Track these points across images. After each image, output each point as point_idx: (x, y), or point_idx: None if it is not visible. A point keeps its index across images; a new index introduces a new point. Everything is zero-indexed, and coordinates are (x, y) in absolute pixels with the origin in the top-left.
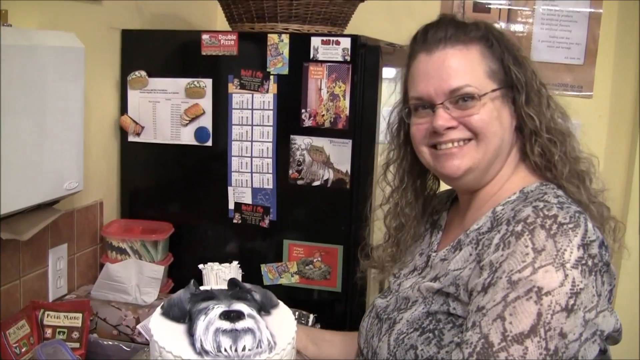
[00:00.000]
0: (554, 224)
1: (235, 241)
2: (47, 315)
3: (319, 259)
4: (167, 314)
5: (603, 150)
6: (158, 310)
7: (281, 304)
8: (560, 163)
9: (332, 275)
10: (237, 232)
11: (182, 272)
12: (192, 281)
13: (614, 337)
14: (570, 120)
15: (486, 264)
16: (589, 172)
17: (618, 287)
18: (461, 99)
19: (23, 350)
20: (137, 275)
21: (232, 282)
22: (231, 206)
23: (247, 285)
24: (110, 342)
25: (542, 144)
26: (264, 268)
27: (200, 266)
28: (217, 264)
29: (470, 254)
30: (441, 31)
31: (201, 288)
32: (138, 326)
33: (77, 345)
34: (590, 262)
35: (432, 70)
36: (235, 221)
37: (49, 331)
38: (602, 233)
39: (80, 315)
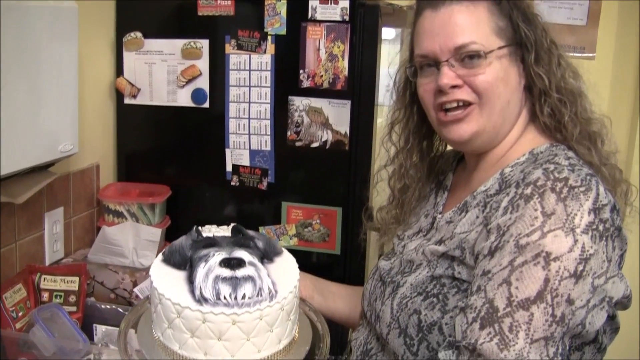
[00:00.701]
0: (564, 187)
1: (233, 204)
2: (44, 279)
3: (318, 221)
4: (168, 260)
5: (605, 112)
6: (159, 256)
7: (285, 252)
8: (570, 124)
9: (331, 237)
10: (235, 194)
11: (179, 235)
12: (194, 227)
13: (623, 303)
14: (582, 79)
15: (493, 227)
16: (600, 133)
17: (629, 252)
18: (467, 56)
19: (20, 314)
20: (134, 239)
21: (235, 229)
22: (229, 168)
23: (250, 233)
24: (107, 306)
25: (552, 104)
26: (262, 231)
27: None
28: (214, 226)
29: (477, 217)
30: None
31: (204, 234)
32: (135, 289)
33: (74, 309)
34: (601, 227)
35: (437, 27)
36: (233, 183)
37: (45, 295)
38: (613, 196)
39: (77, 278)
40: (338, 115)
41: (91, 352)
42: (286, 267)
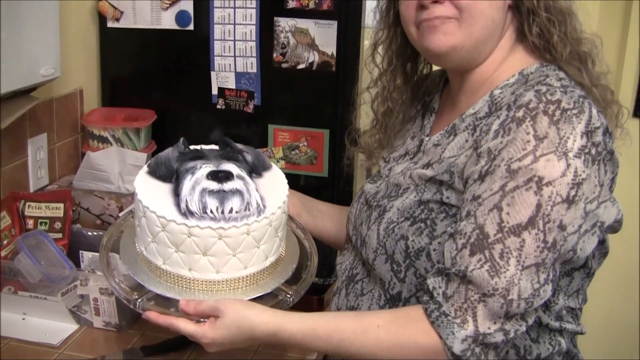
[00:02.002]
0: (557, 109)
1: (219, 127)
2: (28, 206)
3: (305, 143)
4: (153, 172)
5: (595, 31)
6: (144, 168)
7: (274, 166)
8: (560, 44)
9: (318, 160)
10: (220, 117)
11: None
12: (181, 139)
13: (614, 227)
14: None
15: (484, 151)
16: (591, 53)
17: (619, 175)
18: None
19: (4, 242)
20: (120, 164)
21: (223, 142)
22: (214, 91)
23: (239, 146)
24: (93, 232)
25: (541, 24)
26: None
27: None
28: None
29: (467, 140)
30: None
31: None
32: (121, 214)
33: (59, 235)
34: (593, 151)
35: None
36: (218, 107)
37: (30, 222)
38: (605, 118)
39: (62, 205)
40: (324, 36)
41: (77, 278)
42: (275, 182)
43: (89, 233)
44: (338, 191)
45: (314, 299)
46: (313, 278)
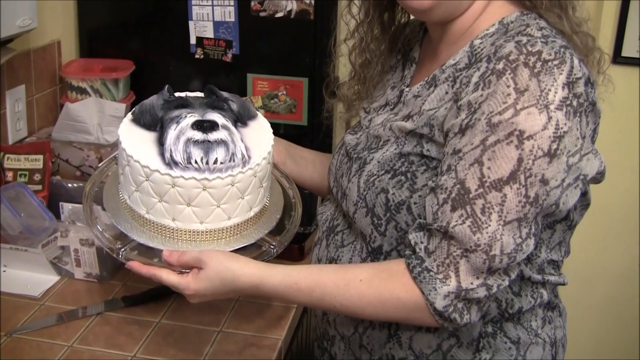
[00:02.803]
0: (538, 61)
1: (198, 77)
2: (7, 158)
3: (284, 92)
4: (138, 120)
5: None
6: (128, 115)
7: (260, 115)
8: None
9: (297, 108)
10: (199, 67)
11: None
12: (166, 86)
13: (596, 179)
14: None
15: (464, 104)
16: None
17: (600, 125)
18: None
19: None
20: (99, 115)
21: (208, 90)
22: (192, 41)
23: (225, 94)
24: (73, 184)
25: None
26: None
27: None
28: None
29: (447, 92)
30: None
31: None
32: (104, 161)
33: (39, 187)
34: (575, 102)
35: None
36: (197, 56)
37: (9, 174)
38: (587, 67)
39: (41, 157)
40: None
41: (58, 229)
42: (260, 131)
43: (69, 184)
44: (318, 139)
45: (295, 248)
46: (297, 229)
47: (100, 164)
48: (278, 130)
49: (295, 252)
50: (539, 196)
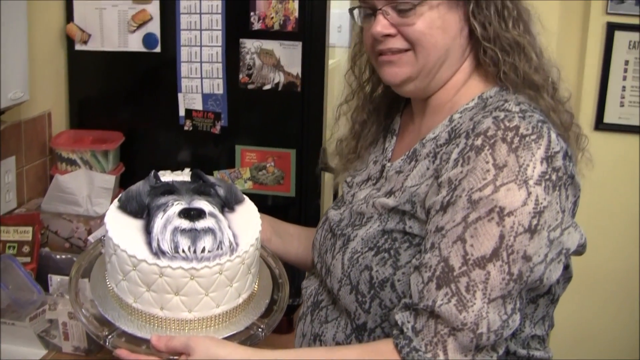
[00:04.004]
0: (515, 136)
1: (187, 148)
2: None
3: (272, 163)
4: (124, 207)
5: (554, 51)
6: (115, 202)
7: (247, 199)
8: (512, 74)
9: (285, 180)
10: (188, 139)
11: (134, 182)
12: (152, 172)
13: (578, 251)
14: (531, 26)
15: (445, 181)
16: (545, 85)
17: (581, 198)
18: (401, 4)
19: None
20: (88, 186)
21: (195, 175)
22: (182, 113)
23: (211, 179)
24: (62, 255)
25: (494, 53)
26: (216, 175)
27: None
28: (169, 172)
29: (428, 168)
30: None
31: (162, 179)
32: (90, 237)
33: (28, 259)
34: (554, 176)
35: None
36: (186, 128)
37: None
38: (565, 142)
39: (30, 229)
40: (289, 57)
41: (46, 302)
42: (248, 216)
43: (58, 256)
44: (306, 211)
45: (283, 320)
46: (284, 310)
47: (89, 239)
48: (266, 201)
49: (283, 324)
50: (522, 272)
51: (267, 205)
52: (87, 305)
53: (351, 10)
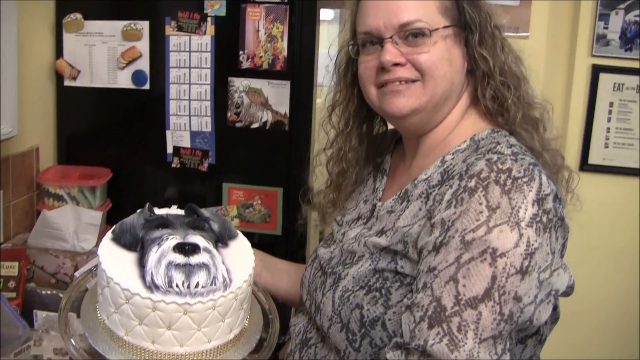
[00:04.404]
0: (508, 178)
1: (174, 185)
2: None
3: (259, 201)
4: (118, 239)
5: (540, 91)
6: (108, 234)
7: (240, 235)
8: (513, 107)
9: (272, 218)
10: (176, 176)
11: (121, 218)
12: (147, 205)
13: (567, 292)
14: (524, 65)
15: (437, 222)
16: (542, 119)
17: (573, 240)
18: (411, 34)
19: None
20: (75, 222)
21: (189, 208)
22: (170, 150)
23: (205, 213)
24: (48, 291)
25: (495, 87)
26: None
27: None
28: (156, 208)
29: (420, 209)
30: None
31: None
32: (76, 273)
33: (13, 295)
34: (544, 219)
35: (382, 3)
36: (174, 165)
37: None
38: (555, 184)
39: (16, 264)
40: (278, 96)
41: (31, 338)
42: (241, 252)
43: (44, 292)
44: (292, 249)
45: (270, 359)
46: (274, 346)
47: (76, 275)
48: (252, 239)
49: None
50: (513, 313)
51: (253, 243)
52: (76, 338)
53: (351, 47)
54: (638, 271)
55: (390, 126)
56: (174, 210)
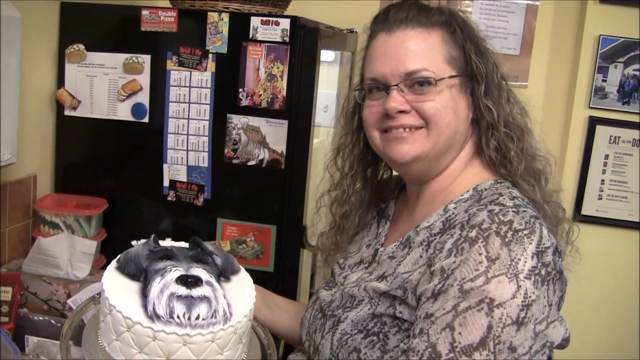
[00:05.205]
0: (509, 230)
1: (169, 218)
2: None
3: (252, 238)
4: (122, 269)
5: (538, 128)
6: (113, 263)
7: (242, 270)
8: (516, 159)
9: (264, 255)
10: (171, 209)
11: (115, 248)
12: (152, 236)
13: (562, 345)
14: (529, 117)
15: (437, 270)
16: (545, 171)
17: (569, 291)
18: (417, 82)
19: None
20: (70, 250)
21: (194, 242)
22: (166, 183)
23: (209, 247)
24: (40, 317)
25: (499, 138)
26: None
27: (133, 242)
28: (160, 240)
29: (421, 256)
30: (403, 12)
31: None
32: (69, 301)
33: (6, 319)
34: (543, 272)
35: (389, 50)
36: (169, 198)
37: None
38: (555, 237)
39: (10, 289)
40: (275, 135)
41: None
42: (243, 287)
43: (36, 318)
44: (284, 286)
45: None
46: None
47: (69, 302)
48: None
49: None
50: None
51: None
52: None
53: (357, 91)
54: (638, 323)
55: (395, 172)
56: (178, 243)
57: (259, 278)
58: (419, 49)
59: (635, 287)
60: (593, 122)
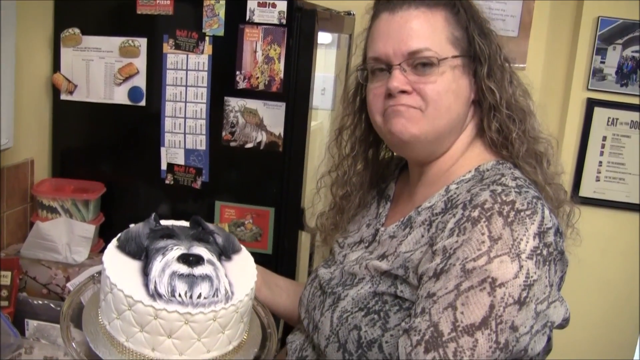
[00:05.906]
0: (511, 210)
1: (167, 202)
2: None
3: (251, 220)
4: (123, 247)
5: (536, 109)
6: (113, 242)
7: (243, 249)
8: (517, 141)
9: (263, 237)
10: (169, 192)
11: (113, 232)
12: (152, 215)
13: (561, 325)
14: (532, 99)
15: (439, 249)
16: (547, 153)
17: (569, 273)
18: (420, 63)
19: None
20: (68, 234)
21: (195, 221)
22: (163, 167)
23: (210, 226)
24: (39, 301)
25: (501, 120)
26: None
27: (131, 226)
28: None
29: (423, 236)
30: None
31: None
32: (68, 284)
33: (5, 303)
34: (545, 252)
35: (392, 30)
36: (167, 182)
37: None
38: (557, 218)
39: (9, 273)
40: (273, 117)
41: (22, 346)
42: (244, 266)
43: (35, 302)
44: (282, 268)
45: None
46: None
47: (68, 285)
48: None
49: None
50: (508, 342)
51: None
52: (77, 342)
53: (360, 71)
54: (637, 304)
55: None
56: (179, 222)
57: (257, 260)
58: (422, 29)
59: (634, 268)
60: (591, 104)
